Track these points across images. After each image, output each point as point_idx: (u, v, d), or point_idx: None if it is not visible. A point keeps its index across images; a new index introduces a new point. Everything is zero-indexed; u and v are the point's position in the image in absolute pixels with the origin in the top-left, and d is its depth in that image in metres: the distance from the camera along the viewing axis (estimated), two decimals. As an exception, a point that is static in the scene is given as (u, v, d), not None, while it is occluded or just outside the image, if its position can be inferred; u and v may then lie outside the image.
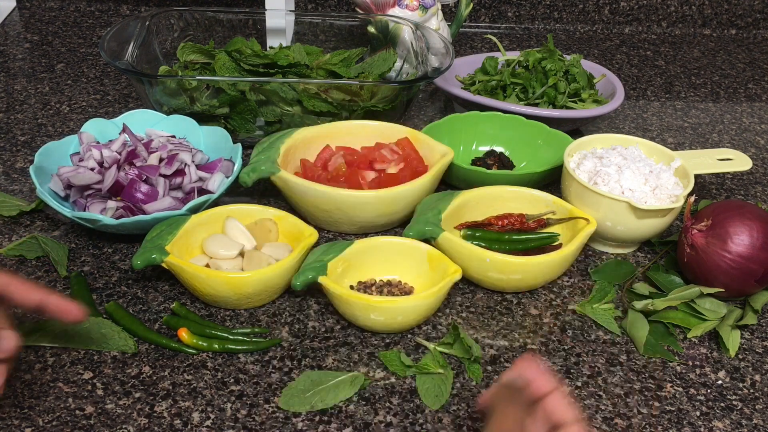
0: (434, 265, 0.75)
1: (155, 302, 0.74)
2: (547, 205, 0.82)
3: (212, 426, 0.62)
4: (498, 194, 0.84)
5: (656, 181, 0.81)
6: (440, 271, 0.73)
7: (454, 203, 0.80)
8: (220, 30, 1.08)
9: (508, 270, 0.75)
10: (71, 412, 0.63)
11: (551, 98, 1.02)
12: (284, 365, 0.68)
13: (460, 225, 0.81)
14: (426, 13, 1.11)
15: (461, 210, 0.82)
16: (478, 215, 0.83)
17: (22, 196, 0.87)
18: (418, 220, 0.78)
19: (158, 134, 0.88)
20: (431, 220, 0.77)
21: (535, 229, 0.82)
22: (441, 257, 0.74)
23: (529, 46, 1.31)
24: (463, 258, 0.75)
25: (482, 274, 0.76)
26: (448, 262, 0.73)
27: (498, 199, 0.84)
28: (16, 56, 1.19)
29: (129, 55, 0.92)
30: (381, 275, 0.76)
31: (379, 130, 0.90)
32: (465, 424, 0.64)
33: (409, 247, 0.76)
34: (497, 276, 0.75)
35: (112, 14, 1.35)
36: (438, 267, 0.74)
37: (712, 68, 1.30)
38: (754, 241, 0.73)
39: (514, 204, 0.83)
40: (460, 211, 0.82)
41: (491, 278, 0.76)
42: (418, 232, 0.76)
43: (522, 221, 0.81)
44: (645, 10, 1.40)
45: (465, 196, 0.82)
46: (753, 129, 1.12)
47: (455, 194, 0.82)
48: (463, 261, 0.75)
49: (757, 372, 0.71)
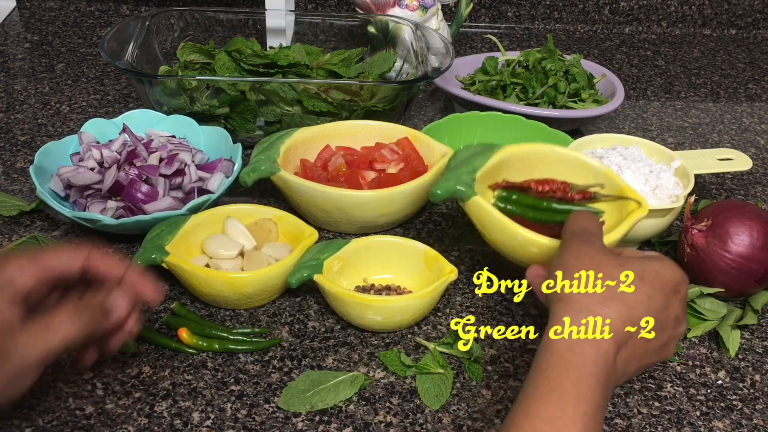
0: (430, 265, 0.74)
1: (155, 302, 0.74)
2: (596, 176, 0.74)
3: (212, 426, 0.62)
4: (544, 154, 0.75)
5: (656, 181, 0.81)
6: (436, 270, 0.73)
7: (492, 160, 0.72)
8: (220, 30, 1.08)
9: (538, 251, 0.67)
10: (71, 412, 0.63)
11: (551, 98, 1.02)
12: (284, 365, 0.68)
13: (495, 184, 0.73)
14: (426, 13, 1.11)
15: (499, 168, 0.73)
16: (518, 176, 0.74)
17: (22, 196, 0.87)
18: (449, 176, 0.69)
19: (158, 134, 0.88)
20: (464, 178, 0.69)
21: (578, 201, 0.72)
22: (437, 257, 0.74)
23: (529, 46, 1.31)
24: (492, 230, 0.69)
25: (512, 250, 0.69)
26: (444, 262, 0.73)
27: (543, 160, 0.75)
28: (16, 56, 1.19)
29: (129, 55, 0.92)
30: (377, 274, 0.76)
31: (379, 130, 0.90)
32: (465, 424, 0.64)
33: (406, 246, 0.76)
34: (527, 254, 0.68)
35: (112, 14, 1.35)
36: (434, 267, 0.74)
37: (712, 68, 1.30)
38: (754, 241, 0.73)
39: (559, 167, 0.75)
40: (499, 168, 0.73)
41: (520, 255, 0.69)
42: (447, 190, 0.68)
43: (565, 190, 0.72)
44: (645, 10, 1.40)
45: (506, 152, 0.73)
46: (753, 129, 1.12)
47: (494, 149, 0.73)
48: (491, 233, 0.69)
49: (757, 372, 0.71)
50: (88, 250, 0.57)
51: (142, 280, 0.58)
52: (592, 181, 0.73)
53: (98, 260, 0.57)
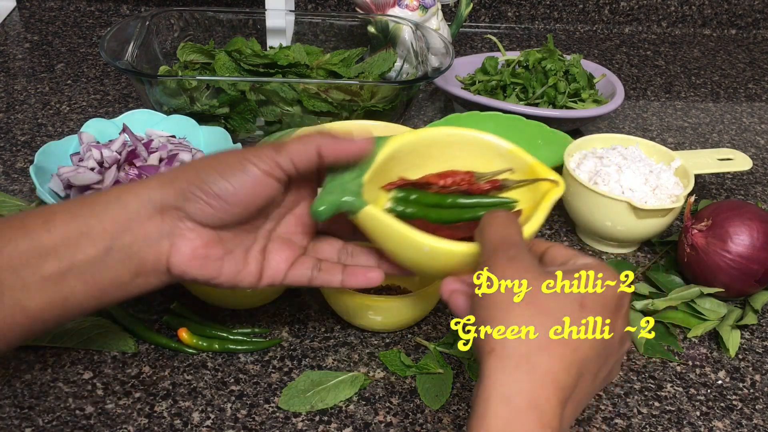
0: None
1: (155, 302, 0.74)
2: (501, 157, 0.62)
3: (212, 426, 0.62)
4: (436, 140, 0.62)
5: (656, 181, 0.81)
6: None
7: (378, 159, 0.59)
8: (220, 30, 1.08)
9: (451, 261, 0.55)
10: (71, 412, 0.63)
11: (551, 98, 1.02)
12: (284, 365, 0.68)
13: (390, 184, 0.62)
14: (426, 13, 1.11)
15: (390, 165, 0.61)
16: (414, 171, 0.62)
17: (22, 196, 0.87)
18: (331, 187, 0.57)
19: (158, 134, 0.88)
20: (349, 186, 0.56)
21: (487, 191, 0.61)
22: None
23: (529, 46, 1.31)
24: (392, 243, 0.56)
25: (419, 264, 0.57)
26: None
27: (435, 147, 0.62)
28: (16, 56, 1.19)
29: (129, 55, 0.92)
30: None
31: (379, 131, 0.90)
32: (465, 424, 0.64)
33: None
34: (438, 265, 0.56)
35: (112, 14, 1.35)
36: None
37: (712, 68, 1.30)
38: (754, 241, 0.73)
39: (458, 153, 0.63)
40: (389, 166, 0.61)
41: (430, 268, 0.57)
42: (331, 204, 0.55)
43: (470, 180, 0.61)
44: (645, 10, 1.40)
45: (392, 145, 0.60)
46: (753, 129, 1.12)
47: (379, 144, 0.60)
48: (392, 246, 0.57)
49: (758, 372, 0.71)
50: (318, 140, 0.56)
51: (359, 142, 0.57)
52: (498, 165, 0.62)
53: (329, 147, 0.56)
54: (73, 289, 0.53)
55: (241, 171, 0.55)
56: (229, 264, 0.57)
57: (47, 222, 0.53)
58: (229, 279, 0.57)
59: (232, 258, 0.58)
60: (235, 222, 0.57)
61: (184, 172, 0.55)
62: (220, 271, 0.57)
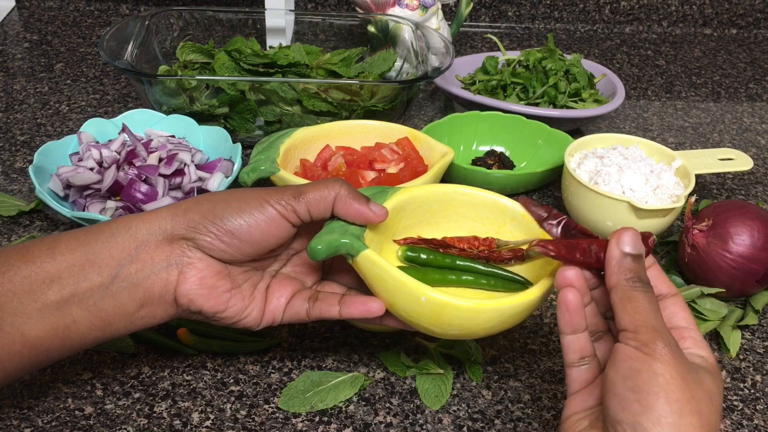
0: None
1: (155, 302, 0.74)
2: (515, 222, 0.61)
3: (212, 426, 0.62)
4: (449, 197, 0.63)
5: (657, 181, 0.80)
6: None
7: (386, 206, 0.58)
8: (219, 29, 1.08)
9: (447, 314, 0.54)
10: (70, 412, 0.63)
11: (551, 98, 1.02)
12: (284, 365, 0.68)
13: (406, 239, 0.62)
14: (426, 12, 1.10)
15: (397, 216, 0.61)
16: (419, 224, 0.63)
17: (21, 196, 0.87)
18: (332, 227, 0.57)
19: (158, 134, 0.88)
20: (351, 229, 0.56)
21: (507, 260, 0.60)
22: None
23: (530, 46, 1.31)
24: (390, 291, 0.55)
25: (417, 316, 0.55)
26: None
27: (447, 204, 0.63)
28: (15, 56, 1.19)
29: (128, 55, 0.92)
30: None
31: (379, 130, 0.90)
32: (465, 425, 0.64)
33: None
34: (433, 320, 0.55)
35: (111, 14, 1.35)
36: None
37: (712, 68, 1.30)
38: (755, 241, 0.73)
39: (469, 213, 0.63)
40: (396, 217, 0.61)
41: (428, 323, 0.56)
42: (329, 245, 0.55)
43: (491, 247, 0.60)
44: (645, 9, 1.40)
45: (402, 196, 0.61)
46: (754, 129, 1.12)
47: (389, 192, 0.60)
48: (389, 295, 0.56)
49: (758, 372, 0.71)
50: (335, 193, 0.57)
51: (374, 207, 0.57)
52: (510, 229, 0.61)
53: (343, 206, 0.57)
54: (75, 318, 0.53)
55: (258, 210, 0.55)
56: (236, 299, 0.58)
57: (52, 249, 0.53)
58: (236, 314, 0.58)
59: (239, 293, 0.58)
60: (244, 259, 0.57)
61: (200, 204, 0.56)
62: (227, 305, 0.57)
